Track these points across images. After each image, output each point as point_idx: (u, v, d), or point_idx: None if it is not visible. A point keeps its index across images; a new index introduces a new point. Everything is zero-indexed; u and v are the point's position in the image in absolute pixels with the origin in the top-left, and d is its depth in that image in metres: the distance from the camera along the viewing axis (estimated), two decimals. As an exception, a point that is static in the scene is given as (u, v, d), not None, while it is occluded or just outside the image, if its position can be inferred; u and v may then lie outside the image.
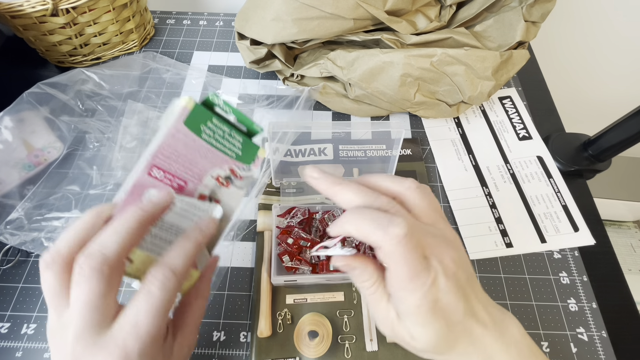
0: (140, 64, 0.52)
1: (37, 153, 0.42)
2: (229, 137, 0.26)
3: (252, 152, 0.27)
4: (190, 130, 0.24)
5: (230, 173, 0.26)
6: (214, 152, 0.25)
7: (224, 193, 0.26)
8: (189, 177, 0.25)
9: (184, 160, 0.24)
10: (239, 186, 0.27)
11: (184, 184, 0.25)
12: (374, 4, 0.41)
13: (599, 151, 0.45)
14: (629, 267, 1.11)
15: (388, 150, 0.45)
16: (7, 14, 0.43)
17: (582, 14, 0.73)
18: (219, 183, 0.26)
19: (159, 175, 0.24)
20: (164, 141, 0.24)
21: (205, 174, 0.25)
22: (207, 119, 0.25)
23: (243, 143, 0.27)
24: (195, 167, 0.25)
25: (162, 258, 0.22)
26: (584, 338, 0.35)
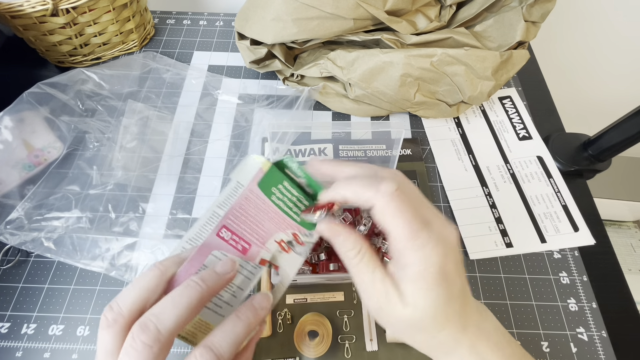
0: (140, 64, 0.52)
1: (37, 153, 0.42)
2: (297, 200, 0.26)
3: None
4: (262, 192, 0.25)
5: (293, 238, 0.25)
6: (281, 216, 0.25)
7: (284, 258, 0.25)
8: (254, 239, 0.24)
9: (251, 221, 0.25)
10: (299, 252, 0.26)
11: (247, 247, 0.24)
12: (374, 4, 0.41)
13: (599, 151, 0.45)
14: (629, 267, 1.11)
15: (388, 150, 0.45)
16: (7, 14, 0.43)
17: (582, 14, 0.73)
18: (280, 247, 0.25)
19: (226, 237, 0.24)
20: (237, 202, 0.24)
21: (270, 237, 0.25)
22: (279, 181, 0.26)
23: (308, 208, 0.26)
24: (261, 230, 0.25)
25: (208, 337, 0.20)
26: (584, 338, 0.35)
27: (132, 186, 0.42)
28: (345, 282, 0.37)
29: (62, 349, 0.33)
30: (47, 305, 0.35)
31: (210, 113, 0.49)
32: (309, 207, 0.26)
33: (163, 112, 0.48)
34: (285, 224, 0.25)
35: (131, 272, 0.36)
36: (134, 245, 0.38)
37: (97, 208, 0.40)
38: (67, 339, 0.34)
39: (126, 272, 0.37)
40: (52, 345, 0.34)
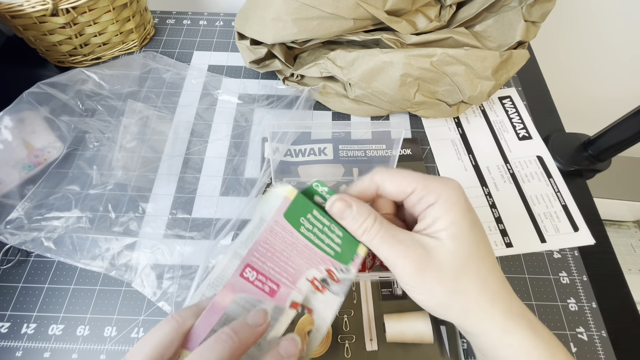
0: (140, 64, 0.52)
1: (37, 153, 0.42)
2: (329, 231, 0.23)
3: (351, 249, 0.23)
4: (289, 223, 0.22)
5: (327, 275, 0.22)
6: (312, 249, 0.22)
7: (318, 300, 0.22)
8: (283, 279, 0.21)
9: (279, 258, 0.22)
10: (335, 291, 0.23)
11: (276, 288, 0.21)
12: (374, 4, 0.41)
13: (598, 151, 0.45)
14: (629, 267, 1.11)
15: (388, 150, 0.45)
16: (7, 14, 0.43)
17: (582, 13, 0.73)
18: (314, 287, 0.22)
19: (251, 277, 0.21)
20: (261, 236, 0.21)
21: (301, 275, 0.22)
22: (308, 210, 0.23)
23: (343, 238, 0.23)
24: (290, 267, 0.22)
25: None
26: (583, 338, 0.35)
27: (132, 186, 0.42)
28: (345, 282, 0.37)
29: (62, 349, 0.33)
30: (47, 305, 0.35)
31: (210, 113, 0.49)
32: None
33: (163, 112, 0.48)
34: (317, 258, 0.22)
35: (131, 272, 0.37)
36: (134, 245, 0.38)
37: (97, 208, 0.40)
38: (67, 339, 0.34)
39: (126, 272, 0.37)
40: (52, 345, 0.34)
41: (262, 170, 0.43)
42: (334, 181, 0.43)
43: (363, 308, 0.35)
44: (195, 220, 0.40)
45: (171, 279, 0.36)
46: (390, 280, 0.37)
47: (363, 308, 0.35)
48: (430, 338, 0.34)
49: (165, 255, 0.38)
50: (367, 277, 0.36)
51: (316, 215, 0.23)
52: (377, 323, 0.35)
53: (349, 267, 0.23)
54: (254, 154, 0.45)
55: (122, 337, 0.34)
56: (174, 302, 0.35)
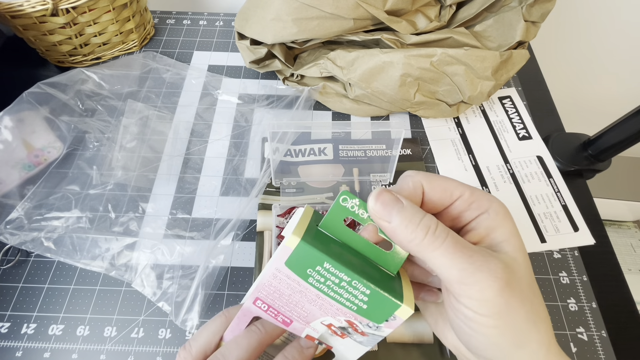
0: (140, 64, 0.52)
1: (37, 153, 0.42)
2: (349, 285, 0.19)
3: (386, 309, 0.19)
4: (293, 273, 0.19)
5: (348, 325, 0.21)
6: (327, 301, 0.20)
7: (338, 342, 0.21)
8: (295, 317, 0.21)
9: (288, 300, 0.21)
10: (359, 341, 0.21)
11: (289, 321, 0.22)
12: (374, 4, 0.41)
13: (599, 151, 0.45)
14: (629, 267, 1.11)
15: (388, 150, 0.45)
16: (7, 14, 0.43)
17: (582, 13, 0.73)
18: (331, 331, 0.21)
19: (263, 308, 0.22)
20: (265, 278, 0.20)
21: (314, 319, 0.21)
22: (316, 262, 0.19)
23: (371, 296, 0.19)
24: (301, 310, 0.21)
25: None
26: (583, 338, 0.35)
27: (132, 186, 0.42)
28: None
29: (62, 349, 0.33)
30: (47, 305, 0.35)
31: (210, 113, 0.49)
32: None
33: (163, 112, 0.48)
34: (333, 309, 0.20)
35: (131, 272, 0.37)
36: (134, 245, 0.38)
37: (97, 208, 0.40)
38: (67, 339, 0.34)
39: (126, 272, 0.37)
40: (52, 345, 0.34)
41: (262, 171, 0.43)
42: (334, 181, 0.43)
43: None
44: (195, 220, 0.40)
45: (171, 279, 0.36)
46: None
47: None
48: (430, 338, 0.34)
49: (165, 255, 0.38)
50: None
51: (329, 268, 0.19)
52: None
53: (380, 326, 0.20)
54: (254, 154, 0.45)
55: (122, 337, 0.34)
56: (174, 302, 0.35)
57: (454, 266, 0.16)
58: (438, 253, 0.17)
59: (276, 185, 0.42)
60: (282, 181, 0.42)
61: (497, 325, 0.17)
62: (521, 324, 0.17)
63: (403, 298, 0.19)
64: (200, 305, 0.34)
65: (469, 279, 0.16)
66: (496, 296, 0.16)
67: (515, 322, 0.17)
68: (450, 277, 0.17)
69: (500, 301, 0.16)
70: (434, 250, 0.17)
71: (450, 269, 0.17)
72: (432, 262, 0.17)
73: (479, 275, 0.16)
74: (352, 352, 0.21)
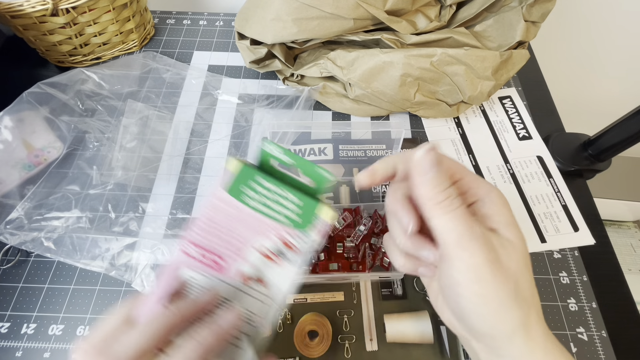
0: (140, 64, 0.52)
1: (37, 153, 0.42)
2: (281, 198, 0.21)
3: (311, 211, 0.21)
4: (230, 195, 0.21)
5: (280, 244, 0.21)
6: (259, 219, 0.21)
7: (271, 271, 0.21)
8: (228, 252, 0.21)
9: (222, 232, 0.21)
10: (293, 261, 0.21)
11: (220, 261, 0.21)
12: (374, 4, 0.41)
13: (599, 151, 0.45)
14: (629, 267, 1.11)
15: (388, 150, 0.45)
16: (7, 14, 0.43)
17: (582, 13, 0.73)
18: (264, 257, 0.21)
19: (193, 253, 0.21)
20: (203, 213, 0.21)
21: (247, 246, 0.21)
22: (249, 177, 0.21)
23: (303, 205, 0.21)
24: (235, 239, 0.21)
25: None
26: (583, 338, 0.35)
27: (132, 186, 0.42)
28: (345, 282, 0.37)
29: (62, 349, 0.33)
30: (47, 305, 0.35)
31: (210, 113, 0.49)
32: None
33: (163, 112, 0.48)
34: (266, 227, 0.21)
35: (131, 272, 0.37)
36: (134, 245, 0.38)
37: (97, 208, 0.40)
38: (67, 339, 0.34)
39: (126, 272, 0.37)
40: (52, 345, 0.34)
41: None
42: (334, 181, 0.43)
43: (363, 308, 0.36)
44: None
45: (171, 279, 0.36)
46: (390, 280, 0.37)
47: (363, 308, 0.36)
48: (430, 338, 0.34)
49: (166, 255, 0.38)
50: (367, 277, 0.36)
51: (260, 181, 0.21)
52: (377, 323, 0.35)
53: (308, 233, 0.21)
54: (254, 154, 0.45)
55: (122, 337, 0.34)
56: (174, 302, 0.35)
57: (455, 230, 0.19)
58: (447, 217, 0.19)
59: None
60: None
61: (482, 294, 0.19)
62: (504, 298, 0.18)
63: (324, 204, 0.22)
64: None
65: (465, 243, 0.18)
66: (484, 264, 0.18)
67: (498, 295, 0.18)
68: (448, 239, 0.19)
69: (487, 270, 0.18)
70: (445, 214, 0.19)
71: (451, 231, 0.19)
72: (438, 223, 0.19)
73: (474, 243, 0.18)
74: (285, 281, 0.21)
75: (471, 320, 0.19)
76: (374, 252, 0.35)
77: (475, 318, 0.19)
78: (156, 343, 0.19)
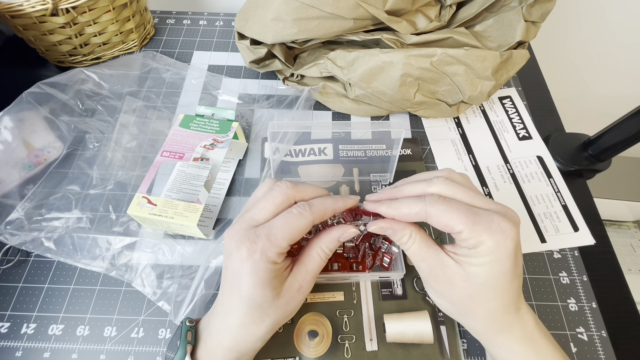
0: (140, 64, 0.52)
1: (37, 153, 0.42)
2: (209, 124, 0.42)
3: (228, 126, 0.41)
4: (183, 128, 0.42)
5: (213, 141, 0.40)
6: (200, 134, 0.41)
7: (211, 154, 0.39)
8: (185, 150, 0.39)
9: (181, 144, 0.40)
10: (222, 147, 0.40)
11: (182, 155, 0.39)
12: (374, 4, 0.41)
13: (599, 151, 0.45)
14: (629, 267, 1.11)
15: (388, 150, 0.45)
16: (7, 13, 0.43)
17: (582, 13, 0.74)
18: (205, 148, 0.39)
19: (167, 155, 0.39)
20: (169, 138, 0.41)
21: (196, 146, 0.39)
22: (192, 119, 0.42)
23: (220, 124, 0.41)
24: (188, 144, 0.40)
25: (313, 200, 0.27)
26: (583, 338, 0.35)
27: (132, 185, 0.42)
28: (345, 282, 0.37)
29: (62, 349, 0.33)
30: (47, 305, 0.35)
31: (210, 113, 0.49)
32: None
33: (163, 111, 0.48)
34: (205, 136, 0.40)
35: (131, 272, 0.37)
36: (134, 245, 0.38)
37: (97, 208, 0.40)
38: (67, 339, 0.34)
39: (126, 272, 0.37)
40: (52, 345, 0.34)
41: (264, 171, 0.43)
42: (334, 181, 0.43)
43: (363, 308, 0.36)
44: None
45: (171, 278, 0.36)
46: (390, 280, 0.37)
47: (363, 308, 0.36)
48: (430, 338, 0.34)
49: (166, 255, 0.38)
50: (367, 277, 0.36)
51: (198, 120, 0.42)
52: (377, 323, 0.35)
53: (227, 134, 0.41)
54: (254, 154, 0.45)
55: (122, 337, 0.34)
56: (174, 301, 0.35)
57: (410, 256, 0.29)
58: (410, 252, 0.28)
59: (276, 185, 0.42)
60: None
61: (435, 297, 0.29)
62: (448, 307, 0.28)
63: (234, 121, 0.42)
64: (200, 305, 0.34)
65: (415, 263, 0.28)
66: (427, 276, 0.28)
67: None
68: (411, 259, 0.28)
69: (430, 280, 0.28)
70: (412, 247, 0.28)
71: (409, 255, 0.29)
72: (407, 254, 0.29)
73: (420, 264, 0.28)
74: (219, 155, 0.39)
75: (450, 298, 0.28)
76: (374, 252, 0.35)
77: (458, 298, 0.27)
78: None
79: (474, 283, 0.25)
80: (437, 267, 0.26)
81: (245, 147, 0.45)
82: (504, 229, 0.23)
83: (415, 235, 0.27)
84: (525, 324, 0.26)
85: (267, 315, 0.26)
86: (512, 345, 0.26)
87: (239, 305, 0.26)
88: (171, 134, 0.40)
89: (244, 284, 0.25)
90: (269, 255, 0.25)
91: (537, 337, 0.26)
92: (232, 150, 0.44)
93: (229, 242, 0.26)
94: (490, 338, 0.27)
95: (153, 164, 0.38)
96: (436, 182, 0.26)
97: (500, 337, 0.27)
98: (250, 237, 0.25)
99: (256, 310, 0.26)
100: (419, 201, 0.25)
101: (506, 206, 0.26)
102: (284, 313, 0.27)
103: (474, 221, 0.24)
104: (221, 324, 0.27)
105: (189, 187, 0.37)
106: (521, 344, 0.26)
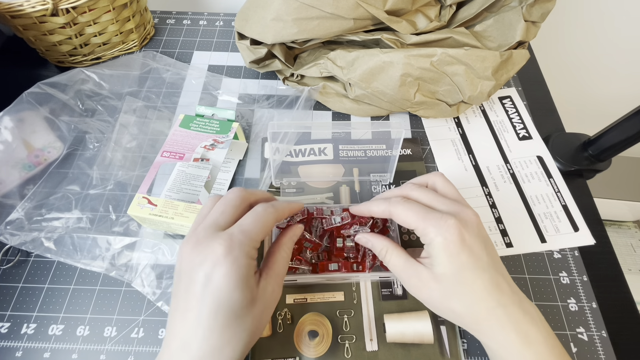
0: (140, 64, 0.52)
1: (37, 153, 0.42)
2: (209, 124, 0.42)
3: (228, 126, 0.41)
4: (183, 128, 0.42)
5: (213, 142, 0.40)
6: (200, 135, 0.41)
7: (211, 154, 0.39)
8: (186, 150, 0.39)
9: (181, 144, 0.40)
10: (222, 147, 0.40)
11: (182, 155, 0.39)
12: (374, 4, 0.41)
13: (599, 151, 0.45)
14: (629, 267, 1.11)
15: (388, 150, 0.45)
16: (7, 14, 0.43)
17: (582, 13, 0.74)
18: (206, 149, 0.39)
19: (167, 155, 0.39)
20: (169, 138, 0.41)
21: (196, 146, 0.40)
22: (192, 119, 0.42)
23: (220, 124, 0.42)
24: (188, 145, 0.40)
25: (272, 201, 0.30)
26: (584, 338, 0.35)
27: (132, 185, 0.42)
28: (345, 282, 0.37)
29: (62, 349, 0.33)
30: (47, 305, 0.35)
31: (210, 113, 0.49)
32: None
33: (163, 111, 0.48)
34: (205, 137, 0.41)
35: (131, 272, 0.37)
36: (134, 245, 0.38)
37: (97, 208, 0.40)
38: (67, 339, 0.34)
39: (126, 272, 0.37)
40: (52, 345, 0.34)
41: (265, 172, 0.43)
42: (334, 181, 0.43)
43: (363, 308, 0.36)
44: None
45: (171, 278, 0.36)
46: (390, 280, 0.37)
47: (363, 308, 0.36)
48: (430, 338, 0.34)
49: (166, 255, 0.38)
50: (367, 277, 0.36)
51: (199, 120, 0.42)
52: (377, 323, 0.35)
53: (227, 135, 0.41)
54: (254, 154, 0.45)
55: (122, 337, 0.34)
56: (174, 302, 0.35)
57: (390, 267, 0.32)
58: (388, 264, 0.31)
59: (276, 185, 0.42)
60: (283, 181, 0.42)
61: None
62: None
63: (233, 121, 0.42)
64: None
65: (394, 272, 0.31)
66: (406, 283, 0.30)
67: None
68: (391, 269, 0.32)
69: (409, 286, 0.30)
70: (387, 262, 0.31)
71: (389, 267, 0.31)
72: (386, 264, 0.32)
73: (401, 274, 0.31)
74: (219, 155, 0.39)
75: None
76: (374, 252, 0.35)
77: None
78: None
79: (443, 282, 0.27)
80: (413, 276, 0.29)
81: (245, 147, 0.45)
82: (450, 225, 0.26)
83: (392, 251, 0.30)
84: (512, 319, 0.26)
85: (243, 330, 0.24)
86: (497, 337, 0.27)
87: (212, 322, 0.23)
88: (171, 134, 0.40)
89: (222, 287, 0.24)
90: (247, 250, 0.25)
91: (533, 338, 0.26)
92: (232, 151, 0.44)
93: (193, 252, 0.25)
94: (477, 333, 0.28)
95: (153, 164, 0.38)
96: (405, 187, 0.31)
97: (487, 331, 0.27)
98: (224, 237, 0.25)
99: (233, 322, 0.24)
100: (385, 201, 0.30)
101: (466, 207, 0.29)
102: (258, 326, 0.26)
103: (424, 218, 0.27)
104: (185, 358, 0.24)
105: (189, 188, 0.37)
106: (509, 338, 0.26)
